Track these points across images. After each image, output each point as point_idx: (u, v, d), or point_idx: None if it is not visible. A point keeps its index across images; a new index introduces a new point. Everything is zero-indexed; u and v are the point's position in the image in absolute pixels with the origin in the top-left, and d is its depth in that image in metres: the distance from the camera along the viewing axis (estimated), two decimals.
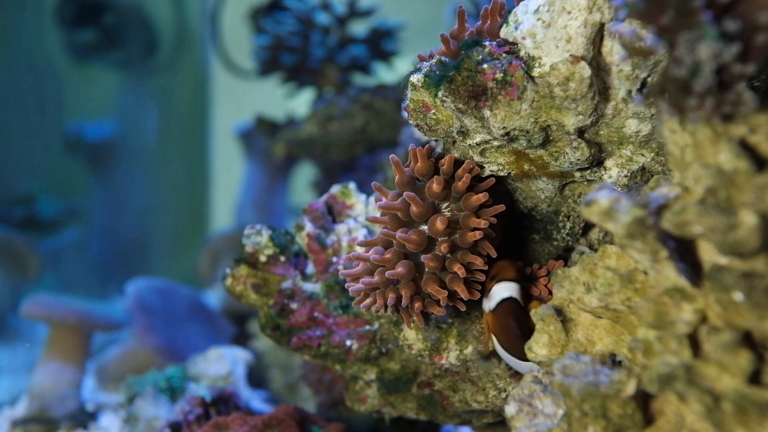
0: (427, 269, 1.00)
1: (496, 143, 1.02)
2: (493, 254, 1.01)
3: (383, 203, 1.03)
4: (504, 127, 0.96)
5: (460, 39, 1.04)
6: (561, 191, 1.12)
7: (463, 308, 1.03)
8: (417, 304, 1.01)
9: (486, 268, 1.01)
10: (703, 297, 0.77)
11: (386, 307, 1.01)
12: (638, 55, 0.79)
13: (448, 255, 1.00)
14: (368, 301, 1.03)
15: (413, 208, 0.99)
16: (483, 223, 0.98)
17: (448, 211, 1.02)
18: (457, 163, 1.04)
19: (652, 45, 0.74)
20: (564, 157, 1.02)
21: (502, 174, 1.08)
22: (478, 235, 0.98)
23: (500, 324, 1.05)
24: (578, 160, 1.01)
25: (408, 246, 0.99)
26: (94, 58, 3.52)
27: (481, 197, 0.99)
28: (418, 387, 1.20)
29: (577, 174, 1.08)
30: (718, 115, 0.72)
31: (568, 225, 1.14)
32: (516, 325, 1.03)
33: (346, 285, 1.06)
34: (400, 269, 0.99)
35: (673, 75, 0.70)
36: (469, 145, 1.04)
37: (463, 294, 0.99)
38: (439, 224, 0.98)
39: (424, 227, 1.01)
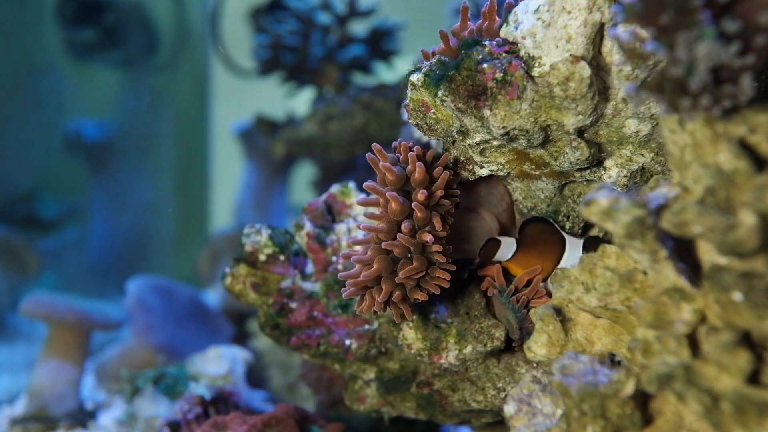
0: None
1: (495, 143, 1.02)
2: (443, 229, 1.01)
3: (367, 226, 1.04)
4: (504, 127, 0.96)
5: (461, 37, 1.03)
6: (560, 191, 1.12)
7: (446, 285, 1.02)
8: (397, 293, 1.01)
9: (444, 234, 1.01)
10: (702, 297, 0.77)
11: (381, 305, 1.02)
12: (637, 59, 0.79)
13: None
14: (364, 303, 1.03)
15: (392, 205, 0.99)
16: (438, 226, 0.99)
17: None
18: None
19: (650, 49, 0.74)
20: (563, 157, 1.02)
21: (501, 174, 1.08)
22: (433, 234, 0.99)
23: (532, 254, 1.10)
24: (578, 159, 1.01)
25: (381, 236, 1.00)
26: (94, 58, 3.52)
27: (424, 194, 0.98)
28: (417, 386, 1.20)
29: (577, 174, 1.08)
30: (715, 111, 0.72)
31: (568, 225, 1.14)
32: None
33: (342, 290, 1.06)
34: (375, 265, 0.99)
35: (669, 73, 0.70)
36: (469, 144, 1.04)
37: (440, 258, 1.00)
38: (419, 214, 0.98)
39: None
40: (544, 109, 0.95)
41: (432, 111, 1.02)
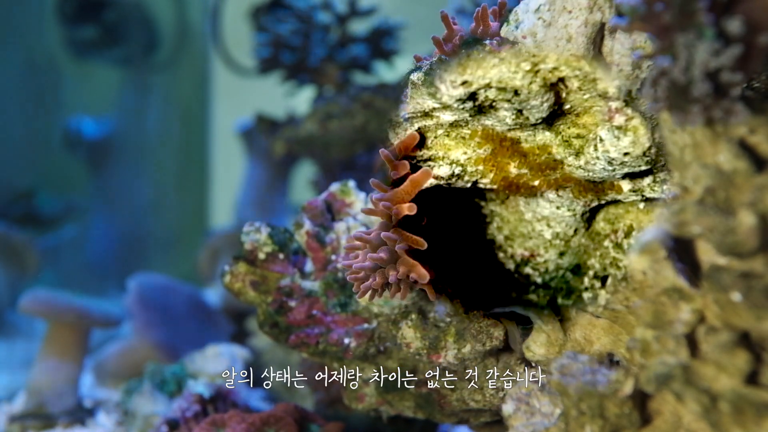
0: None
1: (446, 116, 0.75)
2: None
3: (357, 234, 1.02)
4: (465, 82, 0.66)
5: (454, 44, 1.03)
6: (588, 222, 0.89)
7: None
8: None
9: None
10: (701, 297, 0.77)
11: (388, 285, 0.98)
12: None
13: None
14: (368, 283, 0.98)
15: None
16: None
17: None
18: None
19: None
20: (593, 149, 0.73)
21: (460, 185, 0.89)
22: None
23: None
24: (625, 153, 0.72)
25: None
26: (95, 55, 3.52)
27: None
28: (416, 385, 1.20)
29: (624, 185, 0.76)
30: (714, 117, 0.71)
31: (604, 295, 0.77)
32: None
33: (348, 276, 1.03)
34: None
35: (674, 78, 0.70)
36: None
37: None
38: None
39: None
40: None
41: None
